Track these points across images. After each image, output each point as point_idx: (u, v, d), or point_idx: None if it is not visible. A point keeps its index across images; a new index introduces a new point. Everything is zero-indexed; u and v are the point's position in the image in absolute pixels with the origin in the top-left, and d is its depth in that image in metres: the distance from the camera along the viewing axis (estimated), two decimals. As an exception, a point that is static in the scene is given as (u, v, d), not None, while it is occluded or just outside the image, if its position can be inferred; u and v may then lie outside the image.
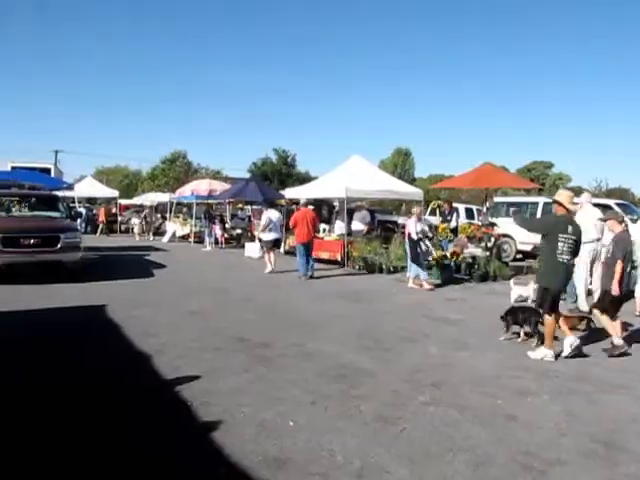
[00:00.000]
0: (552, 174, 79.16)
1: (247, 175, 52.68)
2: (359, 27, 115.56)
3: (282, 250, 18.75)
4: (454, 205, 17.95)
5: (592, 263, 9.99)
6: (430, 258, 13.26)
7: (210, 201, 24.71)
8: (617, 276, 7.07)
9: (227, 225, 24.68)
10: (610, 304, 7.24)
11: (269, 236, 14.72)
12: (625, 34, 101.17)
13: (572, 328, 7.36)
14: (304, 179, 45.06)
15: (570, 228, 6.76)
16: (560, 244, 6.68)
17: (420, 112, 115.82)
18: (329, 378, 5.80)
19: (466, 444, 4.30)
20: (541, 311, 7.07)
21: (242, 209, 30.88)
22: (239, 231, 24.47)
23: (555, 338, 6.93)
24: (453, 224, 16.05)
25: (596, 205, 16.58)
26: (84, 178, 36.91)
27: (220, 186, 25.14)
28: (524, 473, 3.87)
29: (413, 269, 12.48)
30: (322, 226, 18.59)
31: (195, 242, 23.42)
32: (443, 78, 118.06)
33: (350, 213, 17.42)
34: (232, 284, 12.57)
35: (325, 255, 16.36)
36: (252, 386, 5.50)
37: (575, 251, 6.85)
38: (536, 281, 7.43)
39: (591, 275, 10.22)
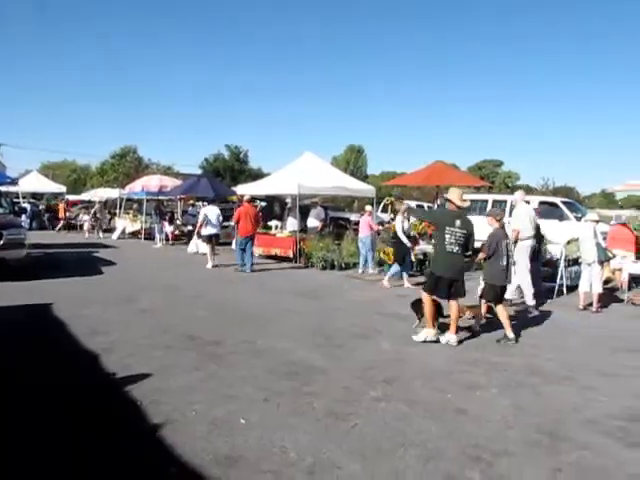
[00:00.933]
0: (501, 172, 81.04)
1: (199, 171, 51.95)
2: (311, 23, 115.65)
3: (234, 246, 18.64)
4: (405, 202, 18.13)
5: (531, 258, 10.25)
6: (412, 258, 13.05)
7: (161, 197, 24.27)
8: (481, 256, 7.94)
9: (178, 221, 24.29)
10: (494, 295, 7.82)
11: (207, 231, 15.29)
12: (571, 35, 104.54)
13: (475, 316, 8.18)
14: (257, 175, 44.80)
15: (458, 222, 7.32)
16: (447, 236, 7.28)
17: (373, 109, 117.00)
18: (281, 375, 5.79)
19: (417, 439, 4.36)
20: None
21: (193, 205, 30.46)
22: (190, 228, 24.09)
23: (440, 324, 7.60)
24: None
25: (543, 203, 17.24)
26: (29, 173, 35.69)
27: (171, 182, 24.72)
28: (473, 465, 3.96)
29: (393, 269, 12.28)
30: (274, 222, 18.53)
31: (145, 239, 22.98)
32: (396, 76, 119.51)
33: (303, 210, 17.41)
34: (183, 281, 12.40)
35: (277, 251, 16.32)
36: (203, 384, 5.45)
37: (465, 244, 7.39)
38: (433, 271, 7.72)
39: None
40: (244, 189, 19.41)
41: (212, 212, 15.46)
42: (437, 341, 7.32)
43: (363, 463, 3.94)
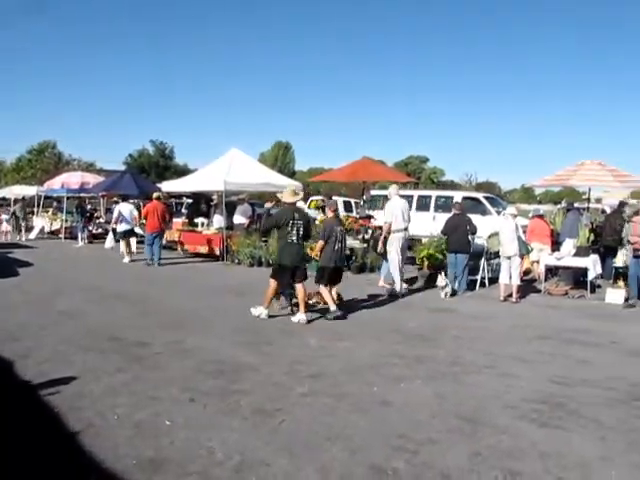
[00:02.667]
0: (427, 168, 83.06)
1: (123, 167, 50.48)
2: (240, 20, 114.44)
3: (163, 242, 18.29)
4: (333, 198, 18.29)
5: (402, 248, 10.79)
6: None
7: (83, 195, 23.41)
8: (317, 251, 8.92)
9: (101, 219, 23.53)
10: (327, 278, 8.61)
11: (121, 227, 15.78)
12: (488, 30, 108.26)
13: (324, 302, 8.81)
14: (183, 172, 44.02)
15: (296, 215, 8.37)
16: (289, 229, 8.21)
17: (301, 105, 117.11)
18: (208, 374, 5.72)
19: (344, 432, 4.42)
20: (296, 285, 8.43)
21: (117, 203, 29.54)
22: (114, 226, 23.36)
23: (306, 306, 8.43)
24: None
25: (466, 198, 17.80)
26: None
27: (93, 179, 23.89)
28: (398, 455, 4.05)
29: (385, 267, 11.85)
30: (200, 220, 18.27)
31: (66, 238, 22.10)
32: (324, 71, 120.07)
33: (229, 206, 17.25)
34: (106, 281, 12.03)
35: (204, 249, 16.11)
36: (126, 387, 5.30)
37: (305, 234, 8.41)
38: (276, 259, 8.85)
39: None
40: (170, 186, 19.08)
41: (126, 209, 15.98)
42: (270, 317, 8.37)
43: (290, 458, 3.95)
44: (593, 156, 13.59)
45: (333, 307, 8.51)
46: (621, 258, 11.74)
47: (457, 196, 17.71)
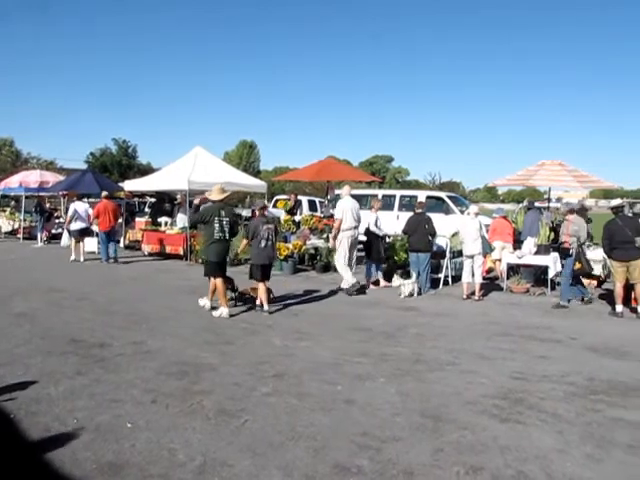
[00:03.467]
0: (392, 168, 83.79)
1: (84, 166, 49.50)
2: (204, 18, 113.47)
3: (122, 244, 18.01)
4: (298, 197, 18.26)
5: (351, 246, 11.19)
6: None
7: (42, 194, 22.85)
8: (241, 249, 9.80)
9: (61, 219, 22.99)
10: (259, 274, 8.91)
11: (75, 226, 15.66)
12: (461, 34, 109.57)
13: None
14: (146, 171, 43.41)
15: (223, 212, 8.67)
16: (216, 225, 8.53)
17: (267, 104, 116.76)
18: (170, 375, 5.66)
19: (307, 431, 4.41)
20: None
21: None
22: (68, 226, 22.83)
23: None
24: (298, 217, 16.36)
25: (430, 197, 18.00)
26: None
27: (53, 177, 23.33)
28: (362, 452, 4.06)
29: (374, 267, 11.89)
30: (164, 219, 18.04)
31: (25, 238, 21.53)
32: (291, 71, 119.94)
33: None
34: (66, 282, 11.76)
35: (167, 249, 15.91)
36: (86, 389, 5.20)
37: (231, 230, 8.76)
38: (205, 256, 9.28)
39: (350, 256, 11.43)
40: (132, 185, 18.78)
41: (81, 207, 15.93)
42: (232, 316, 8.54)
43: (253, 459, 3.93)
44: (555, 156, 13.88)
45: (266, 307, 8.84)
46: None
47: (421, 195, 17.89)
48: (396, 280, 10.66)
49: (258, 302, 9.01)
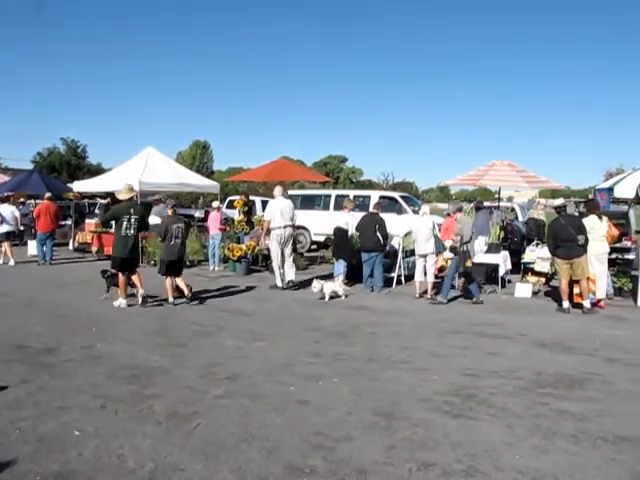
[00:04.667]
0: (346, 168, 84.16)
1: (30, 166, 47.96)
2: (156, 16, 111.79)
3: (71, 247, 17.55)
4: (251, 198, 18.14)
5: (282, 244, 11.36)
6: None
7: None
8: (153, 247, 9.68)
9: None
10: (166, 270, 9.47)
11: (2, 229, 15.15)
12: (411, 34, 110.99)
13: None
14: (96, 171, 42.39)
15: (132, 210, 9.25)
16: (125, 223, 9.06)
17: (220, 104, 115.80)
18: (120, 380, 5.53)
19: (260, 432, 4.38)
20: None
21: (23, 204, 28.02)
22: (22, 228, 22.12)
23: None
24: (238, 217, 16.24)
25: (383, 197, 18.12)
26: None
27: (-3, 178, 22.59)
28: (315, 452, 4.05)
29: (341, 267, 11.59)
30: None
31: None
32: (244, 71, 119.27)
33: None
34: (12, 286, 11.37)
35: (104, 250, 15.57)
36: (31, 397, 5.02)
37: (139, 227, 9.31)
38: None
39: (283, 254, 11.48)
40: (82, 185, 18.36)
41: (7, 210, 15.54)
42: (130, 305, 9.15)
43: (206, 462, 3.87)
44: (507, 155, 14.18)
45: (171, 299, 9.43)
46: (529, 254, 12.32)
47: (374, 195, 18.01)
48: (316, 284, 10.46)
49: (170, 298, 9.47)
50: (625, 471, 3.87)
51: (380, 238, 11.17)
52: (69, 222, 19.22)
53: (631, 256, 11.32)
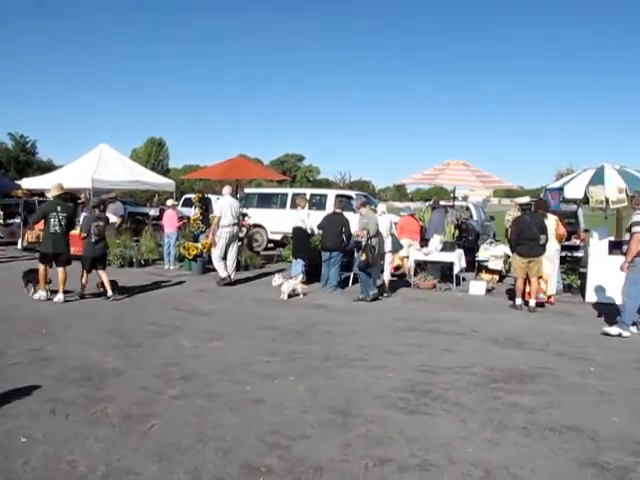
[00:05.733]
0: (303, 166, 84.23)
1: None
2: (111, 11, 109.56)
3: (20, 246, 17.06)
4: (207, 196, 17.95)
5: (229, 241, 11.65)
6: None
7: None
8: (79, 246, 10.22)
9: None
10: (88, 266, 9.77)
11: None
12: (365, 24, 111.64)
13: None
14: (47, 168, 41.19)
15: (59, 208, 9.61)
16: (52, 220, 9.46)
17: (177, 101, 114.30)
18: (72, 382, 5.39)
19: (216, 432, 4.34)
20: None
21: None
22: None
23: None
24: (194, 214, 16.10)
25: (339, 196, 18.19)
26: None
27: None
28: (271, 451, 4.04)
29: (299, 266, 11.50)
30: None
31: None
32: (201, 68, 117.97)
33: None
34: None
35: (70, 250, 15.15)
36: (-26, 405, 4.82)
37: (67, 224, 9.68)
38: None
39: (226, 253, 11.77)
40: (31, 183, 17.86)
41: None
42: (50, 299, 9.44)
43: (160, 464, 3.81)
44: (463, 155, 14.40)
45: (110, 292, 9.73)
46: (483, 252, 12.57)
47: (331, 194, 18.08)
48: (277, 279, 10.46)
49: (109, 293, 9.75)
50: (571, 460, 4.01)
51: (344, 239, 11.20)
52: (17, 220, 18.69)
53: (580, 254, 11.69)
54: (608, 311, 8.96)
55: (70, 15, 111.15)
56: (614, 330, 7.81)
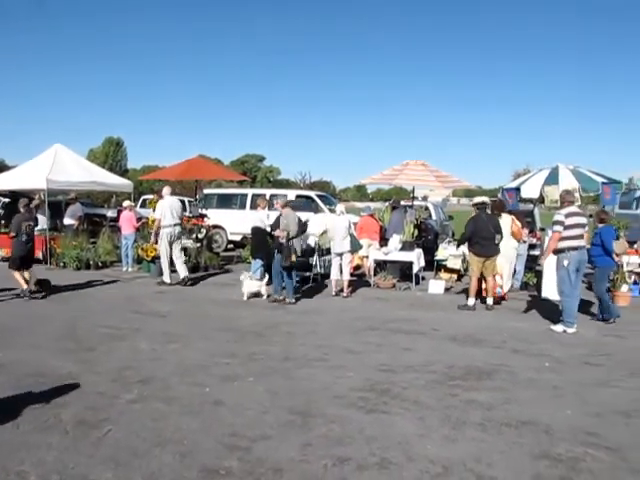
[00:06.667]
0: (263, 167, 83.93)
1: None
2: (70, 9, 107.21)
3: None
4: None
5: (171, 242, 11.70)
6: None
7: None
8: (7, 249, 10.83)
9: None
10: (17, 264, 9.98)
11: None
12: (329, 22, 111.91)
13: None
14: (-1, 168, 40.02)
15: (27, 216, 10.00)
16: (23, 228, 9.71)
17: (137, 102, 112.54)
18: (23, 389, 5.22)
19: (174, 436, 4.28)
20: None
21: None
22: None
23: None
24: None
25: (299, 197, 18.20)
26: None
27: None
28: (230, 454, 4.01)
29: (258, 266, 11.21)
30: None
31: None
32: (156, 67, 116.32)
33: (56, 207, 16.09)
34: None
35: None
36: None
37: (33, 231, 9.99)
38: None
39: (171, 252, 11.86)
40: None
41: None
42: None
43: (116, 470, 3.74)
44: (423, 155, 14.51)
45: (25, 286, 9.88)
46: (442, 252, 12.72)
47: (291, 194, 18.05)
48: (244, 277, 10.36)
49: (26, 287, 9.91)
50: (525, 453, 4.11)
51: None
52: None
53: (536, 252, 11.91)
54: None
55: (19, 15, 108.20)
56: (559, 328, 8.08)
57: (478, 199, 10.57)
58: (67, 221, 15.92)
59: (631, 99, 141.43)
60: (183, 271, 11.75)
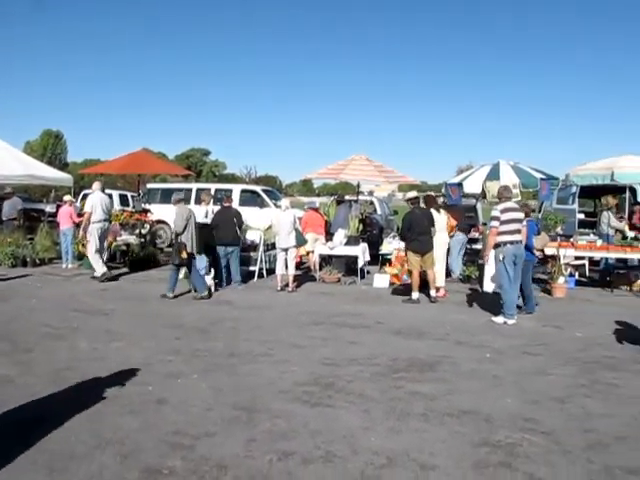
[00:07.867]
0: (209, 161, 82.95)
1: None
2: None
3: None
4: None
5: (101, 237, 11.77)
6: None
7: None
8: None
9: None
10: None
11: None
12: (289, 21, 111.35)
13: None
14: None
15: None
16: None
17: (78, 93, 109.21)
18: (-47, 393, 4.99)
19: (115, 437, 4.17)
20: None
21: None
22: None
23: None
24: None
25: (245, 191, 18.08)
26: None
27: None
28: (174, 452, 3.94)
29: (203, 262, 10.87)
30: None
31: None
32: (100, 58, 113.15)
33: None
34: None
35: None
36: None
37: None
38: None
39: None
40: None
41: None
42: None
43: (52, 476, 3.59)
44: (368, 150, 14.57)
45: None
46: (386, 246, 12.86)
47: (236, 189, 17.92)
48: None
49: None
50: (466, 442, 4.21)
51: (238, 232, 11.13)
52: None
53: (478, 246, 12.22)
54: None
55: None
56: (499, 319, 8.34)
57: (411, 194, 10.80)
58: (6, 216, 15.29)
59: (570, 95, 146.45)
60: (101, 267, 11.63)
